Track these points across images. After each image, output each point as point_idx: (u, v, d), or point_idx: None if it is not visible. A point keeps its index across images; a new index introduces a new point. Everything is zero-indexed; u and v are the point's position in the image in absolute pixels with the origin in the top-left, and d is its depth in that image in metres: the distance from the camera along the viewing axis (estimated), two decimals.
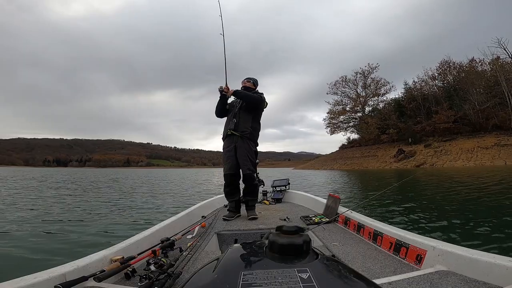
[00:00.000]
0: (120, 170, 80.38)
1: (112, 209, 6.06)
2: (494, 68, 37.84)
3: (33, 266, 2.22)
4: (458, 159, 32.22)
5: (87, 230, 4.04)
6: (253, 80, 2.99)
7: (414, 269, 1.29)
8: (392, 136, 45.57)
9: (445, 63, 46.20)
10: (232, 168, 2.73)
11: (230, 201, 2.80)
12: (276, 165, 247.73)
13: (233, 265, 0.54)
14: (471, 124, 37.40)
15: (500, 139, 31.93)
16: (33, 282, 0.94)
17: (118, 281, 1.23)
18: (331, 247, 1.70)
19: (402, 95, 50.97)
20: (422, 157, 36.55)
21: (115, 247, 1.42)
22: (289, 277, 0.46)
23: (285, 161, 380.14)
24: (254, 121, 2.81)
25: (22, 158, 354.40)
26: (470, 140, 35.11)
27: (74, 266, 1.12)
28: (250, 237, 2.17)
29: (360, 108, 56.15)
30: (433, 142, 38.86)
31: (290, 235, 0.56)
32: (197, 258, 1.53)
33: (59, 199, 7.79)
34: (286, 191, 4.04)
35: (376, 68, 54.50)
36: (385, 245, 1.59)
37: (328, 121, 58.87)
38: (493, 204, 5.47)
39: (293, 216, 2.72)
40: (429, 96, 45.22)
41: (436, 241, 1.33)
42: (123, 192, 10.27)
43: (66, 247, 3.21)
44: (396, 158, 39.58)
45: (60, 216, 5.14)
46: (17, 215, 5.10)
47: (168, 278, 1.10)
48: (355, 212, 2.15)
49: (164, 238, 1.65)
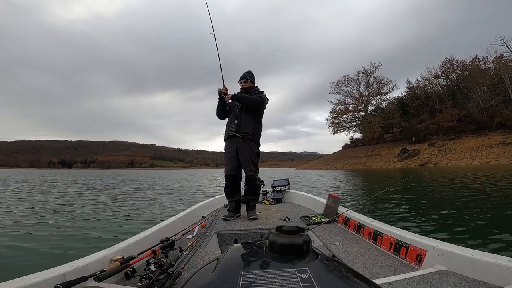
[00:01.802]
0: (124, 172, 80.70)
1: (116, 210, 6.10)
2: (498, 66, 37.52)
3: (33, 266, 2.23)
4: (462, 158, 31.97)
5: (88, 230, 4.08)
6: (250, 77, 2.89)
7: (414, 269, 1.28)
8: (395, 135, 45.35)
9: (448, 61, 46.04)
10: (234, 169, 2.74)
11: (231, 201, 2.80)
12: (279, 165, 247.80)
13: (233, 265, 0.53)
14: (475, 123, 37.09)
15: (505, 137, 31.61)
16: (33, 282, 0.94)
17: (118, 281, 1.23)
18: (331, 247, 1.70)
19: (405, 94, 50.85)
20: (426, 156, 36.32)
21: (115, 247, 1.43)
22: (289, 277, 0.46)
23: (288, 161, 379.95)
24: (255, 122, 2.79)
25: (27, 160, 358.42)
26: (474, 138, 34.82)
27: (74, 266, 1.13)
28: (250, 237, 2.17)
29: (363, 107, 55.99)
30: (437, 141, 38.60)
31: (290, 235, 0.56)
32: (197, 258, 1.53)
33: (61, 200, 7.86)
34: (286, 191, 4.03)
35: (379, 67, 54.39)
36: (385, 245, 1.58)
37: (331, 120, 58.87)
38: (493, 204, 5.42)
39: (293, 216, 2.72)
40: (433, 95, 44.94)
41: (436, 241, 1.32)
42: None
43: (66, 247, 3.24)
44: (400, 157, 39.37)
45: (60, 216, 5.18)
46: (16, 215, 5.16)
47: (168, 278, 1.11)
48: (355, 212, 2.14)
49: (164, 238, 1.65)
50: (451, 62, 45.72)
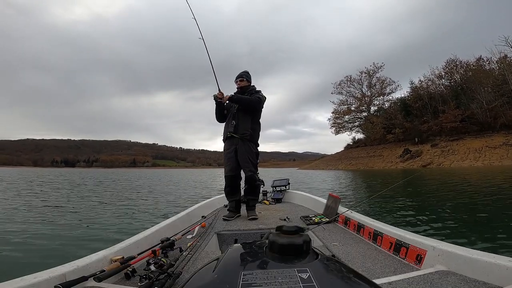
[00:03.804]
0: (127, 171, 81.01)
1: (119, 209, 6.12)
2: (502, 67, 37.24)
3: (33, 266, 2.24)
4: (465, 159, 31.74)
5: (88, 230, 4.10)
6: (246, 76, 2.87)
7: (414, 269, 1.28)
8: (398, 135, 45.18)
9: (451, 61, 45.72)
10: (233, 170, 2.74)
11: (231, 200, 2.81)
12: (281, 165, 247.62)
13: (233, 265, 0.53)
14: (478, 123, 36.81)
15: (509, 139, 31.33)
16: (33, 282, 0.94)
17: (118, 281, 1.23)
18: (331, 247, 1.70)
19: (408, 94, 50.61)
20: (429, 157, 36.11)
21: (115, 247, 1.43)
22: (289, 277, 0.46)
23: (290, 161, 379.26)
24: (253, 122, 2.79)
25: (31, 158, 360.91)
26: (477, 139, 34.56)
27: (74, 266, 1.13)
28: (250, 237, 2.17)
29: (366, 107, 55.87)
30: (440, 141, 38.37)
31: (290, 235, 0.56)
32: (197, 258, 1.54)
33: (63, 200, 7.91)
34: (286, 191, 4.04)
35: (382, 68, 54.22)
36: (385, 245, 1.58)
37: (333, 121, 58.84)
38: (493, 204, 5.39)
39: (293, 216, 2.72)
40: (436, 95, 44.69)
41: (436, 241, 1.32)
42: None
43: (66, 247, 3.24)
44: (402, 158, 39.19)
45: (60, 216, 5.20)
46: (16, 215, 5.19)
47: (168, 278, 1.11)
48: (355, 212, 2.14)
49: (164, 238, 1.66)
50: (454, 63, 45.45)
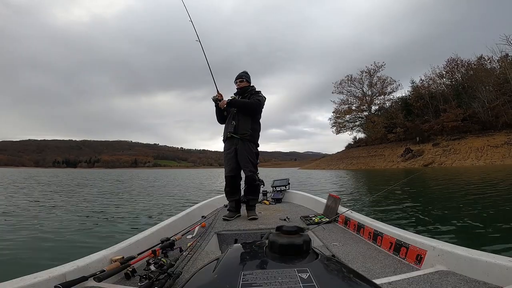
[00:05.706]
0: (128, 171, 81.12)
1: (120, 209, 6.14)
2: (503, 66, 37.09)
3: (33, 266, 2.25)
4: (467, 158, 31.65)
5: (88, 230, 4.11)
6: (245, 77, 2.88)
7: (414, 269, 1.28)
8: (399, 135, 45.03)
9: (452, 61, 45.54)
10: (233, 170, 2.75)
11: (231, 200, 2.82)
12: (282, 165, 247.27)
13: (233, 265, 0.54)
14: (480, 123, 36.67)
15: (510, 137, 31.21)
16: (33, 282, 0.95)
17: (118, 281, 1.24)
18: (331, 247, 1.70)
19: (409, 93, 50.43)
20: (431, 156, 36.01)
21: (115, 247, 1.43)
22: (289, 277, 0.46)
23: (291, 161, 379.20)
24: (253, 122, 2.79)
25: (33, 159, 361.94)
26: (479, 138, 34.44)
27: (74, 266, 1.13)
28: (250, 237, 2.17)
29: (366, 107, 55.69)
30: (441, 141, 38.24)
31: (290, 235, 0.56)
32: (197, 258, 1.54)
33: (65, 200, 7.93)
34: (286, 191, 4.04)
35: (382, 67, 54.06)
36: (385, 245, 1.58)
37: (334, 120, 58.67)
38: (494, 204, 5.36)
39: (293, 216, 2.72)
40: (437, 94, 44.53)
41: (436, 241, 1.32)
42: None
43: (66, 247, 3.26)
44: (404, 157, 39.09)
45: (60, 216, 5.21)
46: (16, 215, 5.21)
47: (168, 278, 1.11)
48: (355, 212, 2.14)
49: (164, 238, 1.65)
50: (455, 62, 45.30)
